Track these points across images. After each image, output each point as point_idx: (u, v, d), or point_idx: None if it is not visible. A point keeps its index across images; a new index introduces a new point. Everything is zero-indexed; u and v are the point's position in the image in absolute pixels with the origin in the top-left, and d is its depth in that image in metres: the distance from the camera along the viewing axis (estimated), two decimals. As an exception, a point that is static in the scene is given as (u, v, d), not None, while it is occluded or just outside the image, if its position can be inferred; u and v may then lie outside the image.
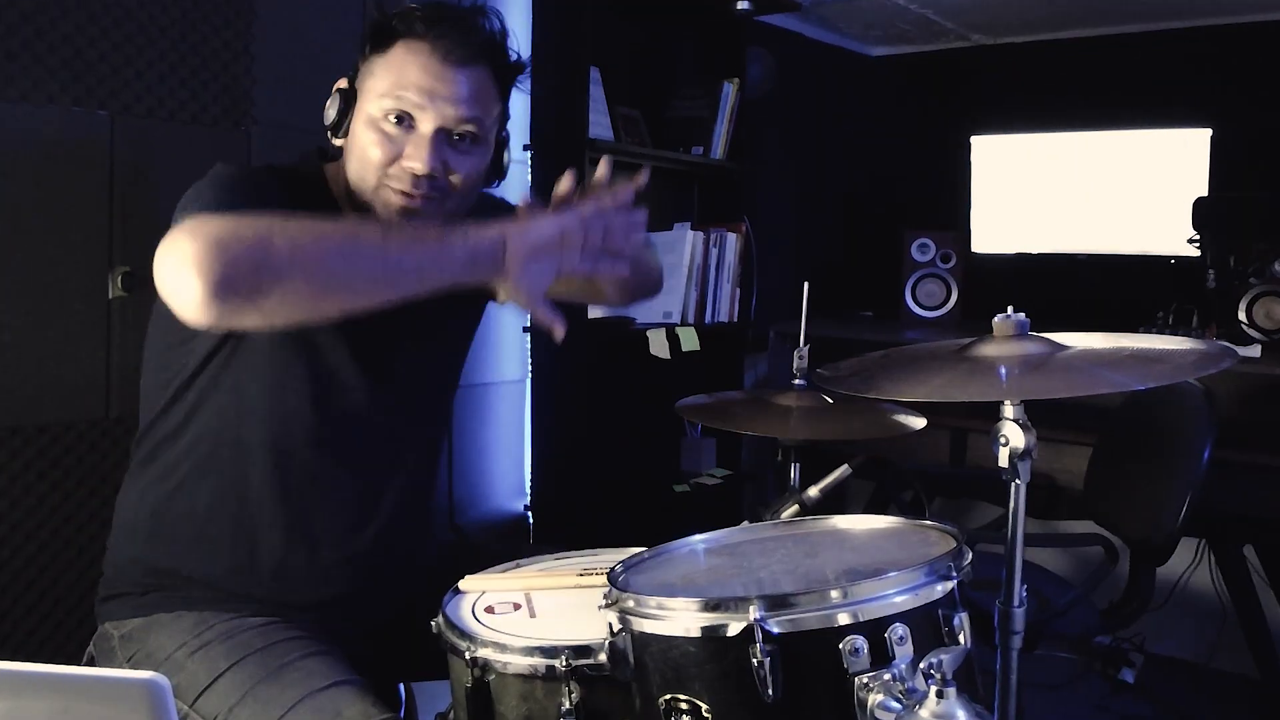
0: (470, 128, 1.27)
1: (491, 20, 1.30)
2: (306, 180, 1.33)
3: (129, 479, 1.37)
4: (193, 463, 1.30)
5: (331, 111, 1.30)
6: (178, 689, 1.20)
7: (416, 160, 1.24)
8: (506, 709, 1.12)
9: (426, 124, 1.24)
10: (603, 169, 1.23)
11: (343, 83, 1.31)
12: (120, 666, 1.26)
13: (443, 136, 1.26)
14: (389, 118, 1.24)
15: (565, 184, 1.19)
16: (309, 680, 1.19)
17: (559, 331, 1.13)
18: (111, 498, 1.39)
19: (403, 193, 1.25)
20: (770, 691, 0.94)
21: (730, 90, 2.93)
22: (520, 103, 2.65)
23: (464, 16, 1.28)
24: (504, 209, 1.50)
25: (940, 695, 0.88)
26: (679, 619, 0.99)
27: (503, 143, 1.37)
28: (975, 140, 3.31)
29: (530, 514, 2.72)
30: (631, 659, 1.04)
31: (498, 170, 1.38)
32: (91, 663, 1.34)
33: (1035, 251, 3.26)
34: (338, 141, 1.31)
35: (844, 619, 0.96)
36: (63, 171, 1.66)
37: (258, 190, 1.22)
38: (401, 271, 1.08)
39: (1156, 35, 3.16)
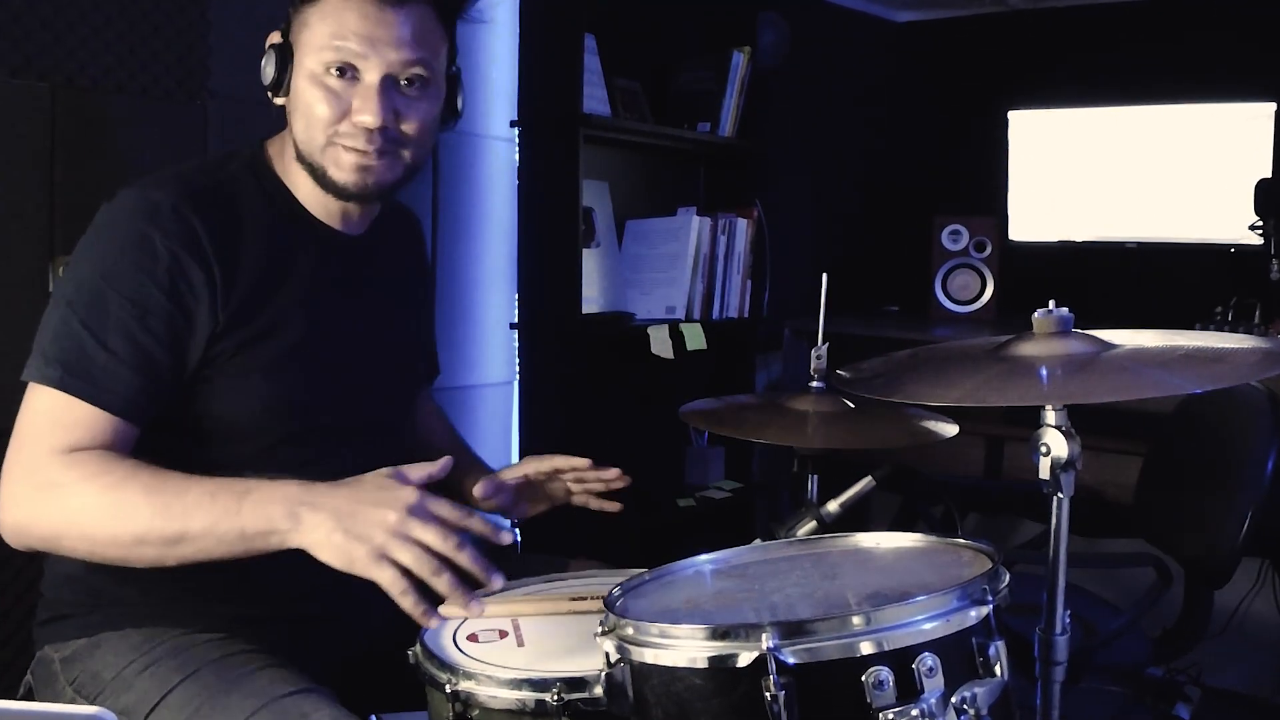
0: (418, 70, 1.30)
1: None
2: (234, 179, 1.34)
3: None
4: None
5: (269, 70, 1.32)
6: (126, 709, 1.21)
7: (366, 113, 1.27)
8: (491, 748, 1.12)
9: (371, 73, 1.27)
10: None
11: (275, 37, 1.33)
12: (62, 692, 1.27)
13: (390, 84, 1.29)
14: (330, 71, 1.27)
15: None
16: (270, 688, 1.20)
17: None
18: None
19: (355, 149, 1.29)
20: (785, 729, 0.94)
21: (740, 60, 2.93)
22: (507, 75, 2.65)
23: None
24: (412, 221, 1.60)
25: (974, 733, 0.88)
26: (683, 648, 0.99)
27: (454, 80, 1.40)
28: (1013, 116, 3.31)
29: (518, 532, 2.72)
30: (630, 693, 1.04)
31: (452, 110, 1.41)
32: (29, 692, 1.34)
33: (1080, 239, 3.26)
34: (279, 101, 1.34)
35: (867, 648, 0.96)
36: (-2, 150, 1.65)
37: (147, 248, 1.22)
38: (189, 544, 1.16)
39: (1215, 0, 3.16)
